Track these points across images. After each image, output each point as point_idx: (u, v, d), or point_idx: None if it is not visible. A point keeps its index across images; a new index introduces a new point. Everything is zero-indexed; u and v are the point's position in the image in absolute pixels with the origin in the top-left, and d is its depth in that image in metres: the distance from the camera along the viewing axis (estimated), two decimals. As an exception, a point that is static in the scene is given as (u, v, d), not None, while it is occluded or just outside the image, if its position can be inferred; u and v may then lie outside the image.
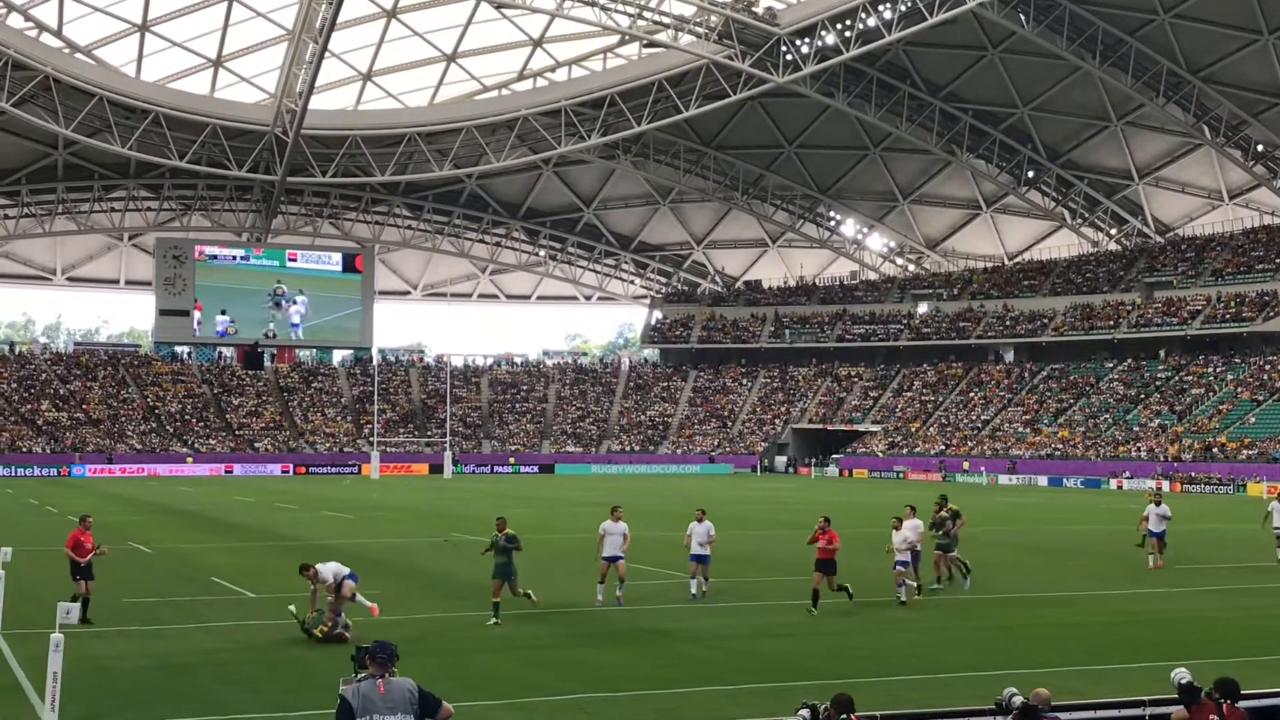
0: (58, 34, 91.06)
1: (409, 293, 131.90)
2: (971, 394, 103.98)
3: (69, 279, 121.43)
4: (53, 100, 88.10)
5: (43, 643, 14.86)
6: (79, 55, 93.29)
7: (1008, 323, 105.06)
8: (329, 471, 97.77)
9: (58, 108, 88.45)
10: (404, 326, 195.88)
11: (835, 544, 23.11)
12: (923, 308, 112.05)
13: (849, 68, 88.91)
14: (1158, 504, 30.99)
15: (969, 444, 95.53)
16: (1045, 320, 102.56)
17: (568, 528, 43.34)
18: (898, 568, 24.53)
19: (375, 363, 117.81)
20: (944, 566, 26.66)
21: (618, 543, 23.96)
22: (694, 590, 24.80)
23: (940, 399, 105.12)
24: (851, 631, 21.40)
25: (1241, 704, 10.39)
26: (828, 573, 23.08)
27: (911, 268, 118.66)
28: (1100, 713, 11.48)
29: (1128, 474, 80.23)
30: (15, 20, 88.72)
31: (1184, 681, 10.38)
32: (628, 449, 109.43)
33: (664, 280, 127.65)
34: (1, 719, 14.74)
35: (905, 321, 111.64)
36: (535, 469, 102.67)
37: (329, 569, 20.24)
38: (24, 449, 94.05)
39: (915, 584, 25.00)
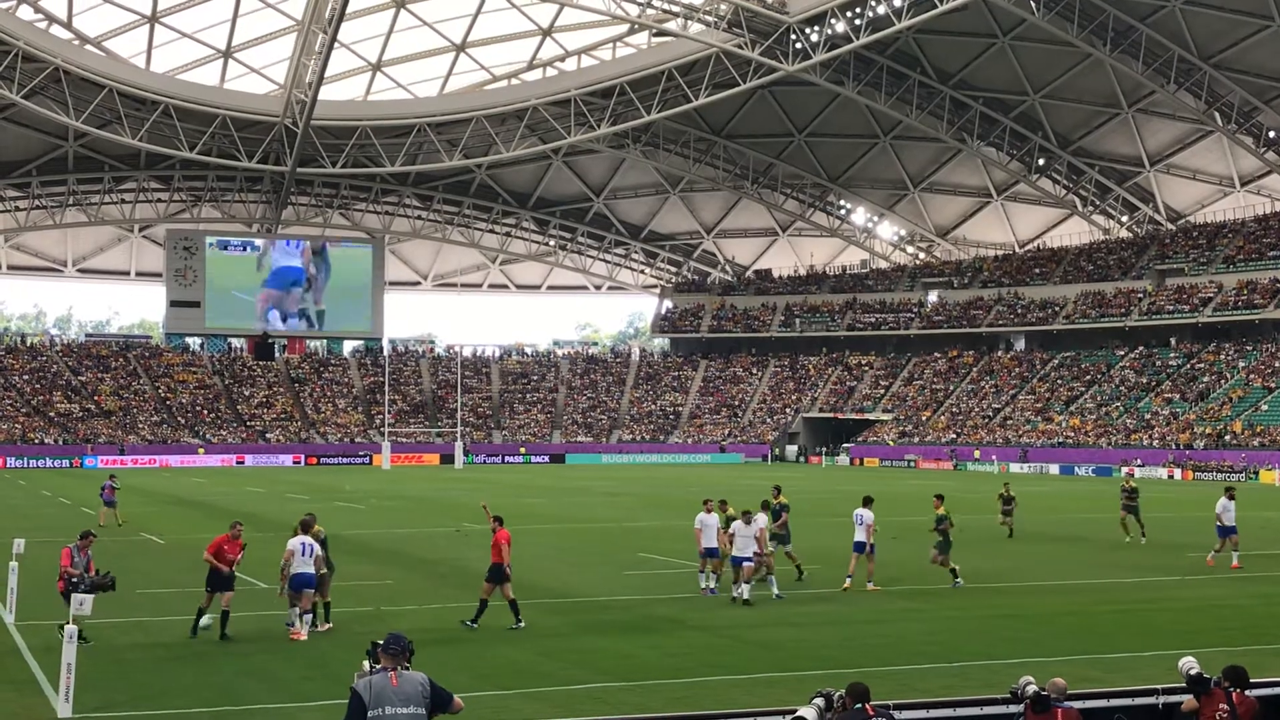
0: (67, 25, 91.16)
1: (419, 283, 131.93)
2: (982, 382, 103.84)
3: (80, 271, 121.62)
4: (63, 92, 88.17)
5: (57, 633, 14.91)
6: (89, 47, 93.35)
7: (1019, 311, 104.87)
8: (340, 462, 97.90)
9: (68, 99, 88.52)
10: (414, 317, 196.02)
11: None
12: (933, 296, 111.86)
13: (859, 56, 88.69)
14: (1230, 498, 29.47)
15: (980, 432, 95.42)
16: (1056, 308, 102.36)
17: (580, 517, 43.38)
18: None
19: (386, 353, 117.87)
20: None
21: (713, 536, 23.72)
22: (704, 584, 24.49)
23: (951, 387, 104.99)
24: (865, 620, 21.37)
25: (1254, 692, 10.35)
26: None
27: (922, 256, 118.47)
28: (1114, 701, 11.44)
29: (1139, 462, 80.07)
30: (25, 12, 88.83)
31: (1193, 672, 10.33)
32: (638, 439, 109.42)
33: (674, 270, 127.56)
34: (16, 710, 14.78)
35: (916, 310, 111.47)
36: (546, 459, 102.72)
37: (301, 545, 19.52)
38: (36, 440, 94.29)
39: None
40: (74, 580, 18.72)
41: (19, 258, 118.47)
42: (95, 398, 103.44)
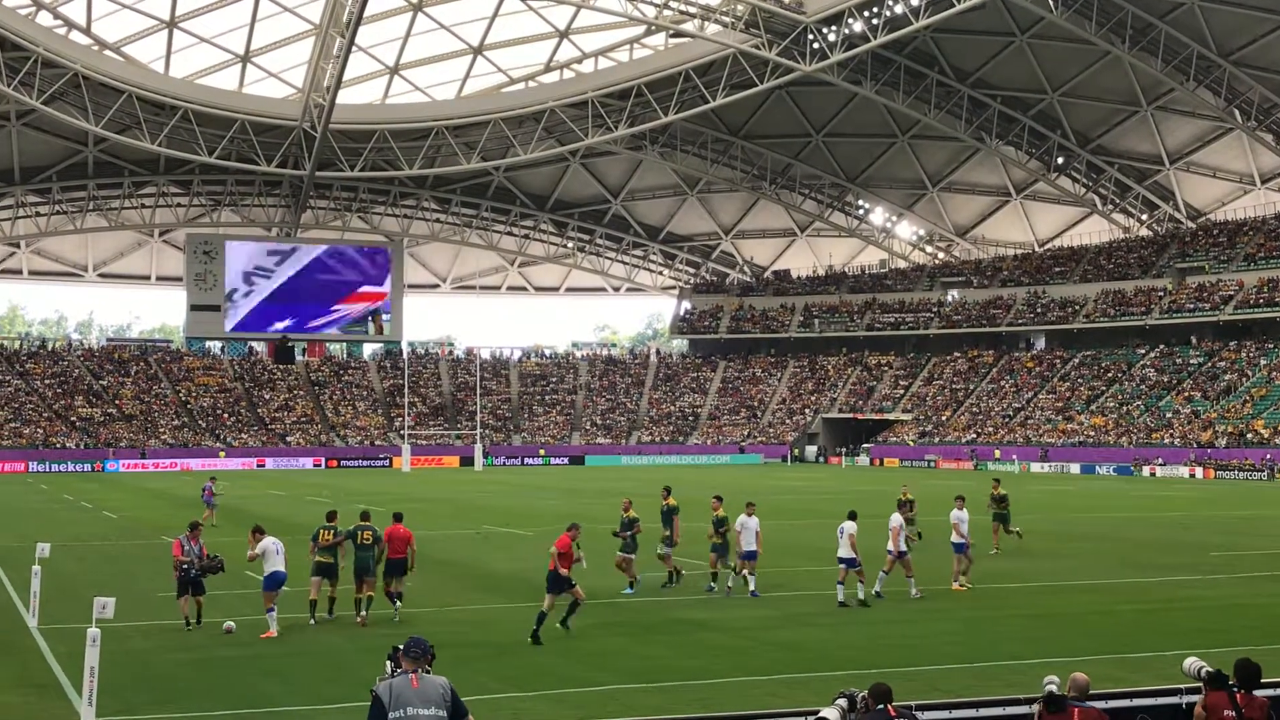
0: (86, 31, 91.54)
1: (438, 286, 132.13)
2: (1003, 382, 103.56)
3: (100, 275, 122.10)
4: (82, 97, 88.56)
5: (80, 638, 14.95)
6: (108, 52, 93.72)
7: (1039, 310, 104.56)
8: (360, 465, 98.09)
9: (87, 105, 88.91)
10: (433, 320, 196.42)
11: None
12: (953, 296, 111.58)
13: (877, 55, 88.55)
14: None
15: (1000, 432, 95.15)
16: (1076, 307, 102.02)
17: (600, 519, 43.30)
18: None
19: (405, 356, 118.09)
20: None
21: (752, 538, 23.76)
22: (730, 584, 24.41)
23: (971, 387, 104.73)
24: (887, 621, 21.33)
25: (1266, 691, 10.28)
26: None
27: (941, 256, 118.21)
28: (1137, 700, 11.40)
29: (1160, 461, 79.79)
30: (44, 18, 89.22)
31: (1208, 672, 10.27)
32: (658, 440, 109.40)
33: (692, 271, 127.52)
34: (40, 714, 14.84)
35: (935, 310, 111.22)
36: (565, 460, 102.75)
37: (270, 546, 20.36)
38: (58, 445, 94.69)
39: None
40: (184, 566, 20.58)
41: (40, 263, 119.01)
42: (116, 402, 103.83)
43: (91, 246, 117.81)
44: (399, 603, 21.42)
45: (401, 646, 9.37)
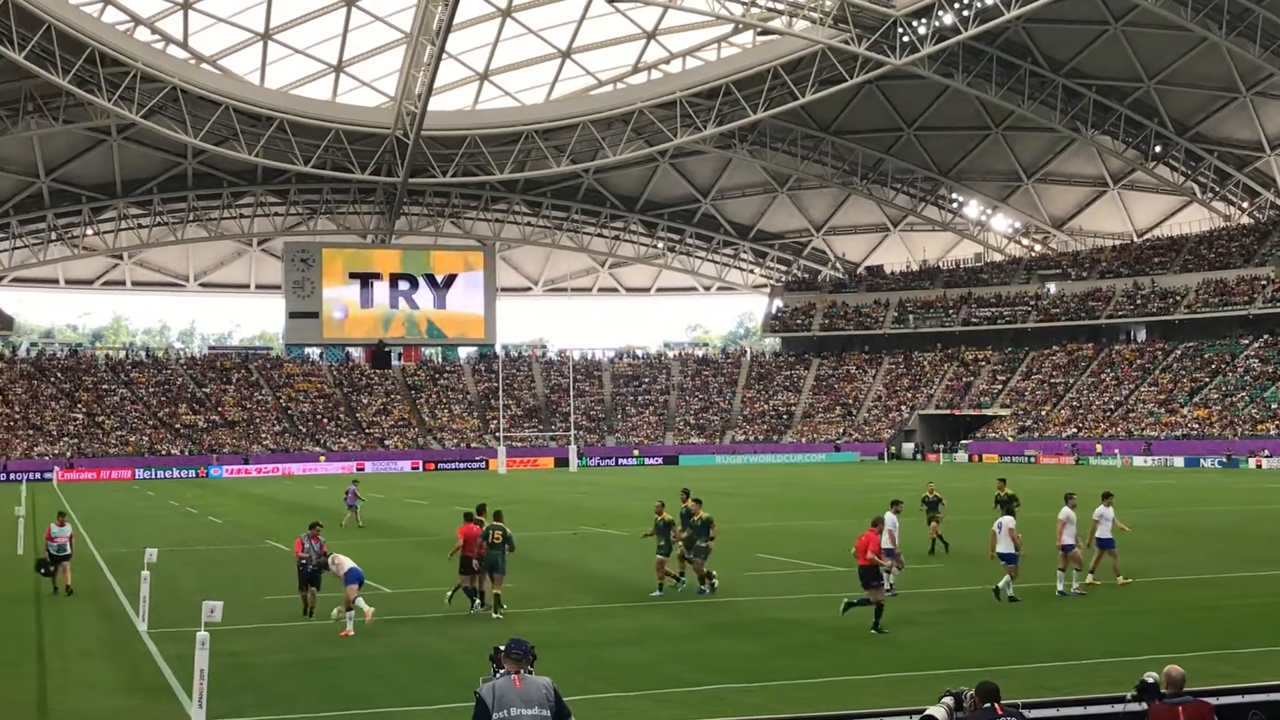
0: (184, 45, 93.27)
1: (530, 289, 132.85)
2: (1103, 375, 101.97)
3: (201, 285, 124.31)
4: (181, 110, 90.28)
5: (189, 641, 15.22)
6: (204, 65, 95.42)
7: (1138, 301, 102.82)
8: (457, 467, 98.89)
9: (186, 118, 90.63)
10: (526, 322, 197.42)
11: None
12: (1050, 288, 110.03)
13: (968, 47, 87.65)
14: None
15: (1102, 426, 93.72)
16: (1178, 297, 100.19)
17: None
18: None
19: (499, 359, 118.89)
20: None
21: (1072, 531, 23.56)
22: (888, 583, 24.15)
23: (1071, 381, 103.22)
24: (991, 619, 21.08)
25: None
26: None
27: (1038, 248, 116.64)
28: (1249, 697, 11.15)
29: (1266, 453, 78.10)
30: (142, 33, 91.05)
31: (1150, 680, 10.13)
32: (751, 439, 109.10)
33: (784, 268, 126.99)
34: (152, 716, 15.12)
35: (1033, 303, 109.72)
36: (659, 461, 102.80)
37: (344, 563, 20.83)
38: (163, 452, 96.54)
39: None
40: (303, 562, 21.74)
41: (143, 274, 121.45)
42: (219, 409, 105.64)
43: (192, 257, 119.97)
44: (478, 604, 22.15)
45: (502, 648, 9.41)
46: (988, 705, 9.56)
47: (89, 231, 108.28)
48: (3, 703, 15.89)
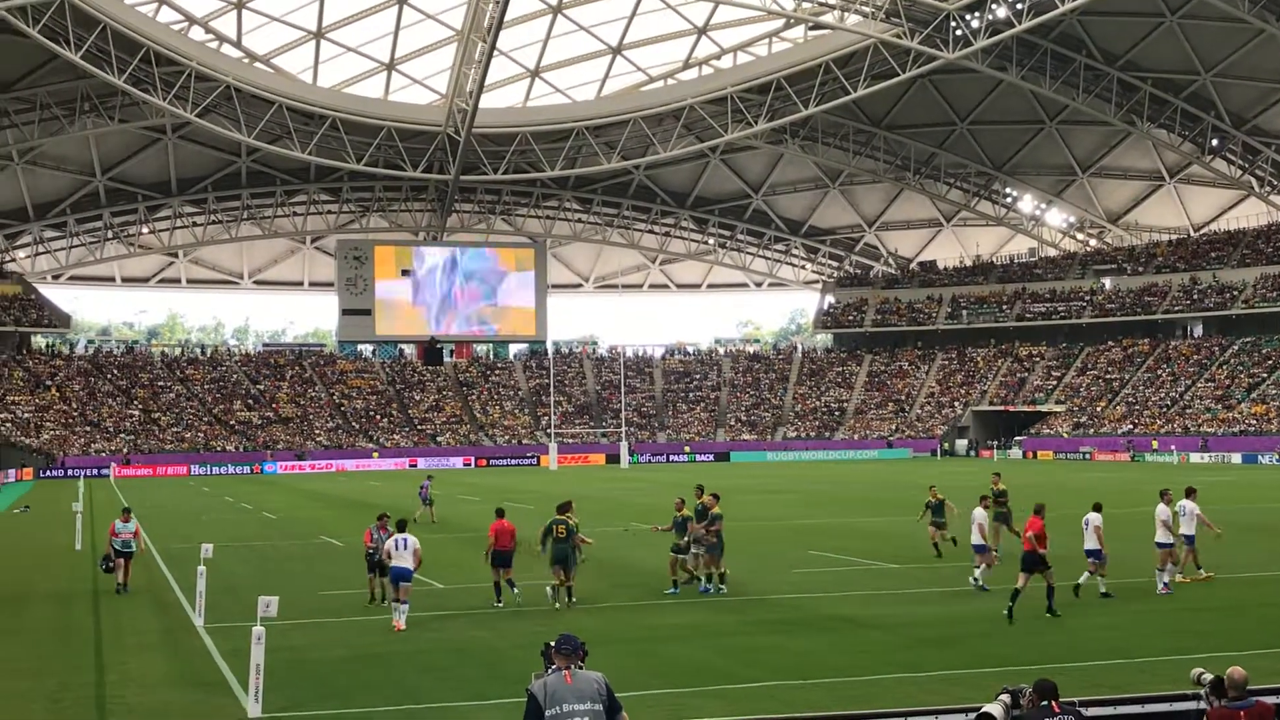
0: (237, 44, 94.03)
1: (580, 285, 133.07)
2: (1159, 370, 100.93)
3: (255, 282, 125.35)
4: (234, 109, 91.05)
5: (245, 636, 15.32)
6: (258, 64, 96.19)
7: (1195, 296, 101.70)
8: (509, 464, 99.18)
9: (239, 116, 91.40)
10: (577, 319, 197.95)
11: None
12: (1106, 283, 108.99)
13: (1022, 40, 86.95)
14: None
15: (1158, 422, 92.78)
16: (1235, 292, 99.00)
17: (748, 515, 43.23)
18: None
19: (550, 356, 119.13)
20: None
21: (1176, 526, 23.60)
22: (976, 578, 23.92)
23: (1127, 376, 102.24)
24: (1045, 616, 20.87)
25: None
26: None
27: (1093, 242, 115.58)
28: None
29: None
30: (196, 33, 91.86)
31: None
32: (803, 435, 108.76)
33: (835, 264, 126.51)
34: (209, 710, 15.23)
35: (1088, 298, 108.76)
36: (711, 457, 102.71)
37: (395, 541, 20.88)
38: (218, 448, 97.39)
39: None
40: (370, 552, 22.50)
41: (198, 271, 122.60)
42: (273, 405, 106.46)
43: (246, 254, 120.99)
44: (515, 589, 22.64)
45: (553, 643, 9.41)
46: (1045, 703, 9.48)
47: (145, 230, 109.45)
48: (63, 698, 16.06)
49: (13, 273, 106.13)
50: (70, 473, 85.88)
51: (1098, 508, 23.08)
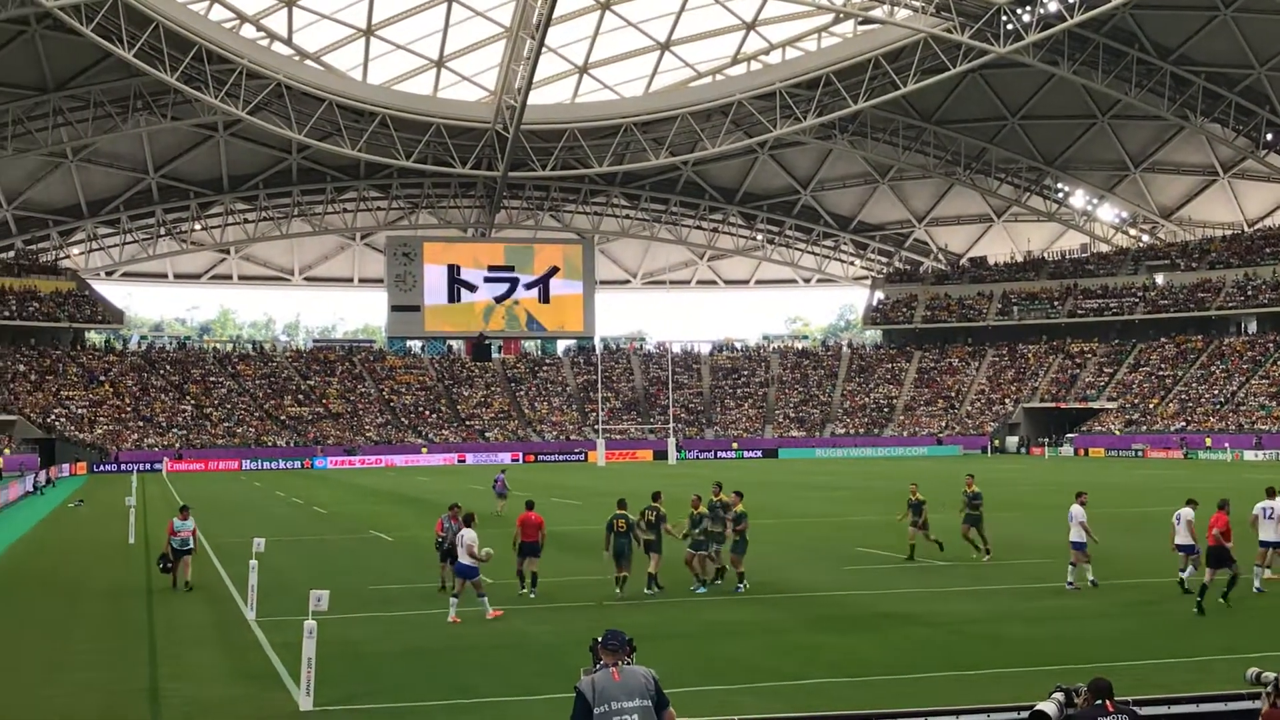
0: (288, 42, 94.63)
1: (628, 281, 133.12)
2: (1213, 367, 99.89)
3: (306, 279, 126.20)
4: (285, 107, 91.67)
5: (296, 630, 15.41)
6: (308, 62, 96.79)
7: (1249, 292, 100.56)
8: (557, 459, 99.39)
9: (290, 114, 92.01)
10: (624, 315, 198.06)
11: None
12: (1159, 279, 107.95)
13: (1073, 34, 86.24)
14: None
15: (1211, 419, 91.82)
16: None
17: (797, 512, 43.14)
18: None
19: (598, 352, 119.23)
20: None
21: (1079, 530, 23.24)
22: (1071, 579, 23.38)
23: (1180, 373, 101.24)
24: (1098, 614, 20.69)
25: None
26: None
27: (1146, 238, 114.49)
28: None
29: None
30: (248, 31, 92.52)
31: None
32: (852, 432, 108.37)
33: (885, 260, 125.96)
34: (261, 704, 15.33)
35: (1140, 294, 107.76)
36: (759, 454, 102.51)
37: (459, 536, 21.09)
38: (269, 443, 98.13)
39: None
40: (440, 540, 23.12)
41: (249, 268, 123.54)
42: (323, 401, 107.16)
43: (297, 251, 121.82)
44: (534, 591, 23.07)
45: (600, 639, 9.39)
46: (1099, 702, 9.37)
47: (196, 226, 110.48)
48: (117, 690, 16.21)
49: (67, 269, 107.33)
50: (123, 467, 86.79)
51: (1191, 503, 22.87)
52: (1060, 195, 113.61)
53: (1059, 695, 9.49)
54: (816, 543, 32.36)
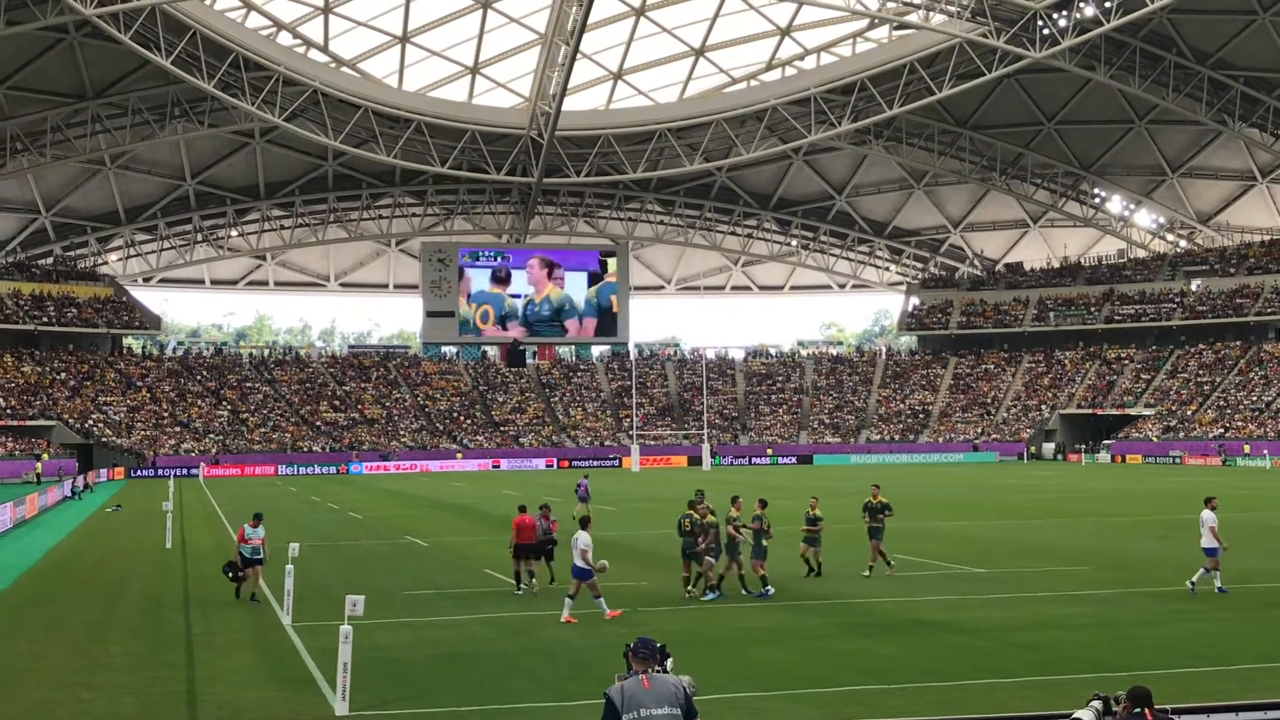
0: (324, 49, 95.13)
1: (663, 287, 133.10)
2: (1251, 374, 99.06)
3: (341, 285, 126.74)
4: (321, 113, 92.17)
5: (332, 634, 15.47)
6: (344, 69, 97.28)
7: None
8: (591, 465, 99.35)
9: (326, 120, 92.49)
10: (659, 321, 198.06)
11: None
12: (1197, 285, 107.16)
13: (1110, 39, 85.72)
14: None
15: (1250, 426, 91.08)
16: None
17: (833, 518, 42.94)
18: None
19: (632, 358, 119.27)
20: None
21: (1209, 535, 23.23)
22: (1193, 580, 23.32)
23: (1218, 380, 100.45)
24: (1136, 622, 20.56)
25: None
26: None
27: (1183, 244, 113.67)
28: None
29: None
30: (284, 38, 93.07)
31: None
32: (887, 438, 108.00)
33: (920, 266, 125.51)
34: (297, 708, 15.39)
35: (1178, 300, 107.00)
36: (793, 460, 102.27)
37: (584, 542, 21.44)
38: (305, 449, 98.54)
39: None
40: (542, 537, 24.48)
41: (285, 274, 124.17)
42: (359, 406, 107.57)
43: (333, 257, 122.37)
44: (534, 581, 24.38)
45: (631, 646, 9.40)
46: (1138, 710, 9.31)
47: (233, 233, 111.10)
48: (154, 693, 16.32)
49: (105, 276, 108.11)
50: (160, 472, 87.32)
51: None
52: (1097, 200, 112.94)
53: (1097, 703, 9.45)
54: (853, 549, 32.26)
